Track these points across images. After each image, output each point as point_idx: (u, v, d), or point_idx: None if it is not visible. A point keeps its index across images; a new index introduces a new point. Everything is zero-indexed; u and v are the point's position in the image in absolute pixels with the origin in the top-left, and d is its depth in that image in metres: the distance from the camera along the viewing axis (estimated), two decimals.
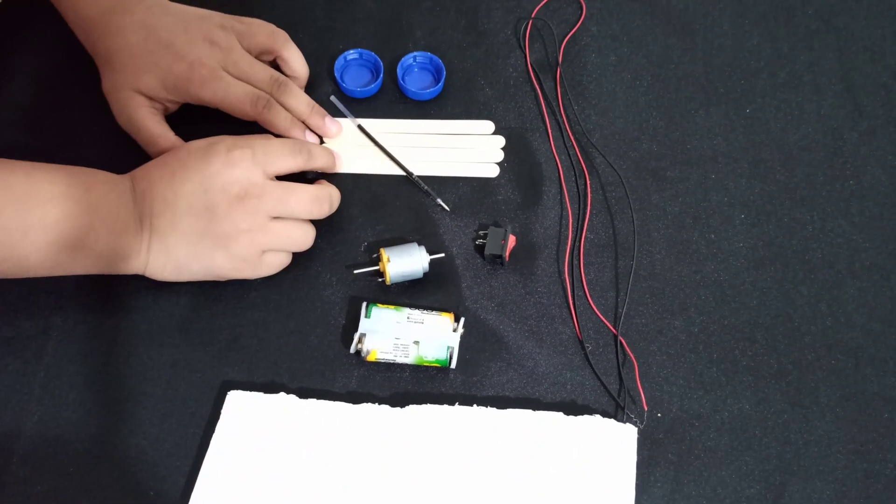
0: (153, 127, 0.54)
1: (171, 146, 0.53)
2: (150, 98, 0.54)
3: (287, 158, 0.50)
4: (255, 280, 0.52)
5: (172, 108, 0.56)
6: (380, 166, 0.58)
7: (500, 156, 0.58)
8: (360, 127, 0.58)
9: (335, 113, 0.59)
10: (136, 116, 0.53)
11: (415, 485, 0.46)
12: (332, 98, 0.59)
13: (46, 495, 0.46)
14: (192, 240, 0.48)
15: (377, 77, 0.60)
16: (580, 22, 0.64)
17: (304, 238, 0.51)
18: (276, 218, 0.50)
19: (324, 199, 0.52)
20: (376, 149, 0.58)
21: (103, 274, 0.49)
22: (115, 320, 0.51)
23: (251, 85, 0.54)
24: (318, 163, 0.54)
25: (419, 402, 0.49)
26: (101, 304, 0.51)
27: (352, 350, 0.49)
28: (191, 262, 0.49)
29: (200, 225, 0.48)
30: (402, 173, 0.57)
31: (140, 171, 0.50)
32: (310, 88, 0.60)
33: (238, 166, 0.48)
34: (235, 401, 0.48)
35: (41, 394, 0.49)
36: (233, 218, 0.48)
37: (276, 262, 0.51)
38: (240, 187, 0.48)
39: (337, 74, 0.60)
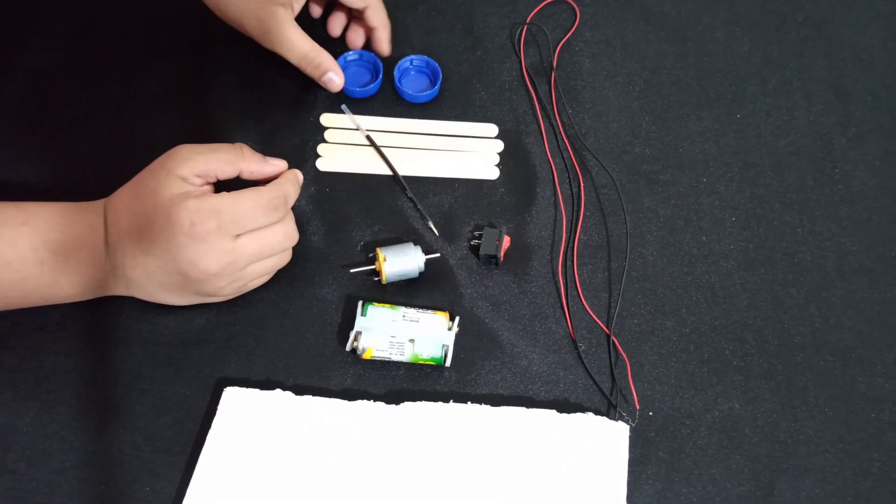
0: (303, 44, 0.56)
1: (322, 59, 0.57)
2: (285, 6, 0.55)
3: (259, 220, 0.47)
4: None
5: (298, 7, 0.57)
6: (377, 167, 0.58)
7: (496, 159, 0.59)
8: (368, 137, 0.59)
9: (345, 122, 0.60)
10: (285, 34, 0.55)
11: (409, 480, 0.47)
12: (343, 107, 0.60)
13: (41, 490, 0.46)
14: (172, 290, 0.48)
15: (377, 77, 0.61)
16: (574, 27, 0.65)
17: (284, 260, 0.52)
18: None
19: (294, 232, 0.50)
20: (373, 149, 0.59)
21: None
22: (112, 317, 0.51)
23: None
24: (291, 204, 0.50)
25: (414, 400, 0.49)
26: (98, 301, 0.51)
27: (347, 348, 0.50)
28: (176, 301, 0.50)
29: (176, 282, 0.47)
30: (400, 174, 0.58)
31: (112, 215, 0.48)
32: (309, 91, 0.61)
33: (204, 241, 0.45)
34: (232, 397, 0.49)
35: (37, 389, 0.49)
36: (209, 282, 0.47)
37: (263, 280, 0.52)
38: (208, 261, 0.45)
39: None
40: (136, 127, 0.59)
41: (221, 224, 0.45)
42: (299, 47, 0.56)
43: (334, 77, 0.57)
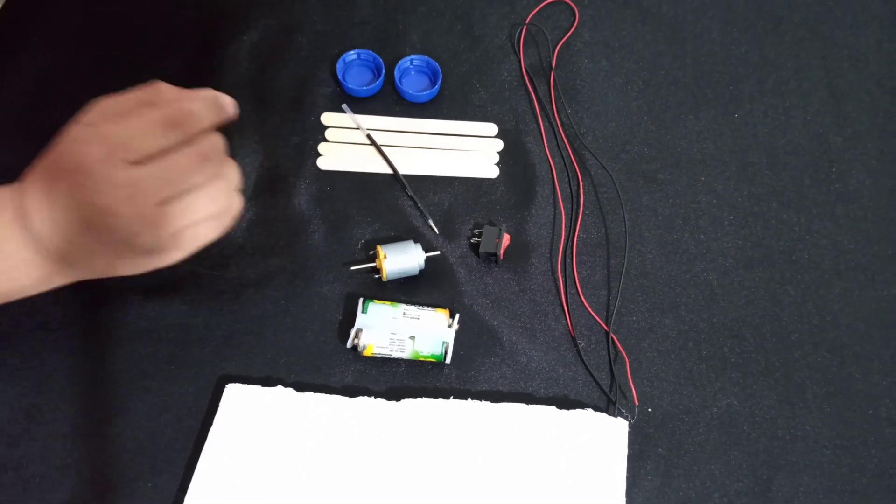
0: None
1: None
2: None
3: (155, 139, 0.39)
4: (253, 276, 0.53)
5: None
6: (377, 166, 0.59)
7: (496, 157, 0.59)
8: (368, 136, 0.59)
9: (346, 121, 0.60)
10: None
11: (410, 476, 0.47)
12: (344, 106, 0.60)
13: (44, 488, 0.46)
14: (96, 250, 0.41)
15: (378, 76, 0.61)
16: (573, 28, 0.66)
17: (222, 202, 0.42)
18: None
19: (212, 153, 0.41)
20: (374, 148, 0.59)
21: None
22: (114, 315, 0.52)
23: None
24: (202, 125, 0.41)
25: (414, 396, 0.49)
26: (99, 299, 0.52)
27: (348, 345, 0.50)
28: (119, 268, 0.43)
29: (90, 235, 0.40)
30: (400, 172, 0.58)
31: (27, 185, 0.41)
32: (309, 91, 0.61)
33: (93, 172, 0.38)
34: (233, 394, 0.49)
35: (39, 387, 0.49)
36: (121, 227, 0.39)
37: (209, 233, 0.43)
38: (105, 196, 0.38)
39: (340, 75, 0.61)
40: None
41: (110, 150, 0.38)
42: None
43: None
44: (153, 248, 0.42)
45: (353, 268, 0.54)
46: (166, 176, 0.40)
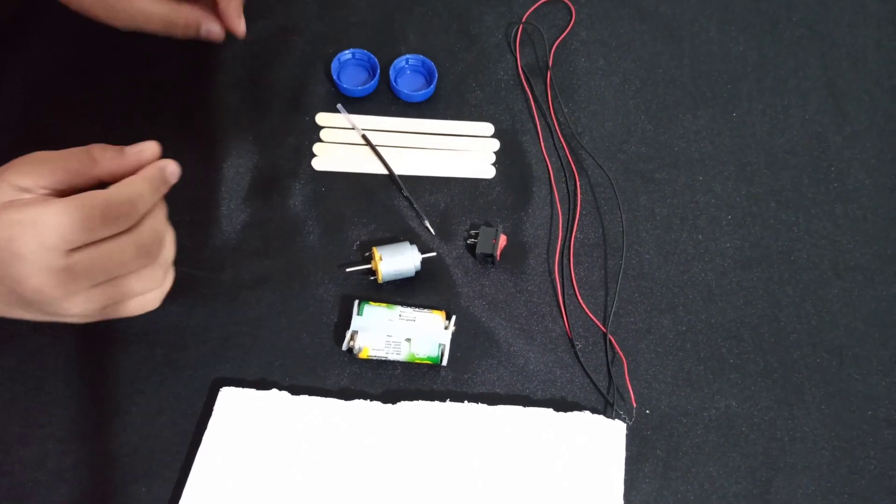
0: (159, 8, 0.49)
1: (187, 15, 0.49)
2: None
3: (94, 232, 0.39)
4: (248, 278, 0.53)
5: None
6: (373, 166, 0.58)
7: (493, 157, 0.59)
8: (364, 136, 0.59)
9: (341, 122, 0.60)
10: (135, 5, 0.48)
11: (406, 480, 0.47)
12: (339, 106, 0.60)
13: (39, 492, 0.46)
14: (18, 308, 0.41)
15: (374, 76, 0.61)
16: (570, 27, 0.65)
17: (159, 281, 0.44)
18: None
19: (152, 244, 0.42)
20: (369, 148, 0.59)
21: None
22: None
23: None
24: (145, 208, 0.41)
25: (411, 399, 0.49)
26: None
27: (344, 347, 0.50)
28: (36, 318, 0.42)
29: (16, 301, 0.40)
30: (396, 173, 0.58)
31: None
32: (305, 91, 0.61)
33: (26, 258, 0.38)
34: (228, 397, 0.48)
35: (34, 391, 0.49)
36: (50, 304, 0.39)
37: (146, 304, 0.44)
38: (37, 281, 0.38)
39: (334, 75, 0.61)
40: (134, 129, 0.59)
41: (43, 239, 0.38)
42: (157, 14, 0.48)
43: (212, 26, 0.50)
44: (85, 320, 0.42)
45: (348, 269, 0.53)
46: (102, 266, 0.39)
